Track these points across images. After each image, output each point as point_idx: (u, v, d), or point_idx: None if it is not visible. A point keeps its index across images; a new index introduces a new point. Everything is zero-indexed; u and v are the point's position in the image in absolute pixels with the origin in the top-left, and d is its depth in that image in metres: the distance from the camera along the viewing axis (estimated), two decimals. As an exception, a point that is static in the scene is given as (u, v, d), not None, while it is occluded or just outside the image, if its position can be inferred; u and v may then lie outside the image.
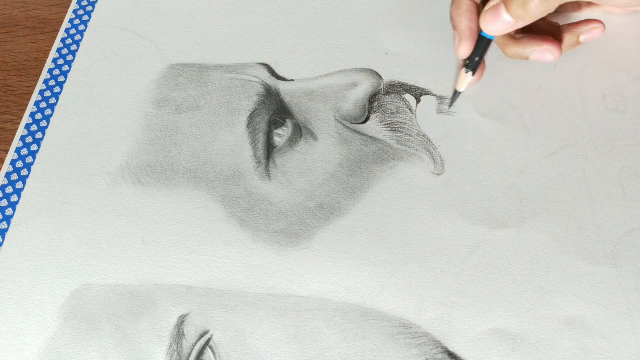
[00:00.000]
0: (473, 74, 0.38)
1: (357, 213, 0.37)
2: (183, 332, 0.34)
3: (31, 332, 0.35)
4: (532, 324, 0.33)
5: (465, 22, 0.37)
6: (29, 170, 0.41)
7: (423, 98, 0.40)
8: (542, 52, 0.38)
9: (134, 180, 0.39)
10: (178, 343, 0.34)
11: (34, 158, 0.41)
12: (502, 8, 0.35)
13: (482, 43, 0.37)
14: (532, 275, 0.35)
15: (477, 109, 0.40)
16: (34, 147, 0.42)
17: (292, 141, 0.40)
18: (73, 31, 0.46)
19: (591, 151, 0.38)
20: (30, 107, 0.43)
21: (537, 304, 0.34)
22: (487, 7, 0.36)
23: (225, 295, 0.35)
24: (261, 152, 0.39)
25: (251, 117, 0.41)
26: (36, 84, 0.44)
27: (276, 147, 0.40)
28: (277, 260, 0.36)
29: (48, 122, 0.42)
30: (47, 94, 0.43)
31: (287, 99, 0.41)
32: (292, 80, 0.42)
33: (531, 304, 0.34)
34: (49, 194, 0.40)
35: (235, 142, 0.40)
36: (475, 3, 0.37)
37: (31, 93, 0.44)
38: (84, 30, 0.46)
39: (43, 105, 0.43)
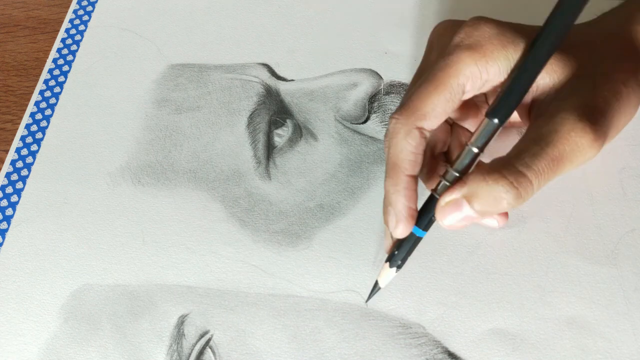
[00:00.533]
0: (397, 270, 0.33)
1: (357, 213, 0.37)
2: (183, 332, 0.34)
3: (31, 332, 0.35)
4: (532, 323, 0.33)
5: (403, 201, 0.30)
6: (29, 170, 0.41)
7: (423, 98, 0.40)
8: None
9: (134, 180, 0.39)
10: (178, 343, 0.34)
11: (34, 158, 0.41)
12: (465, 203, 0.28)
13: (412, 239, 0.32)
14: (532, 275, 0.35)
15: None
16: (34, 147, 0.42)
17: (292, 141, 0.40)
18: (73, 31, 0.46)
19: (591, 151, 0.38)
20: (30, 107, 0.43)
21: (537, 304, 0.34)
22: (445, 200, 0.29)
23: (225, 295, 0.35)
24: (261, 152, 0.39)
25: (251, 117, 0.41)
26: (36, 84, 0.44)
27: (276, 147, 0.40)
28: (277, 260, 0.36)
29: (48, 122, 0.42)
30: (47, 94, 0.44)
31: (287, 99, 0.41)
32: (292, 80, 0.42)
33: (531, 304, 0.34)
34: (49, 194, 0.40)
35: (235, 142, 0.40)
36: (415, 178, 0.31)
37: (31, 93, 0.44)
38: (84, 30, 0.46)
39: (43, 105, 0.43)
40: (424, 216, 0.31)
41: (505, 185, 0.27)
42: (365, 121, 0.40)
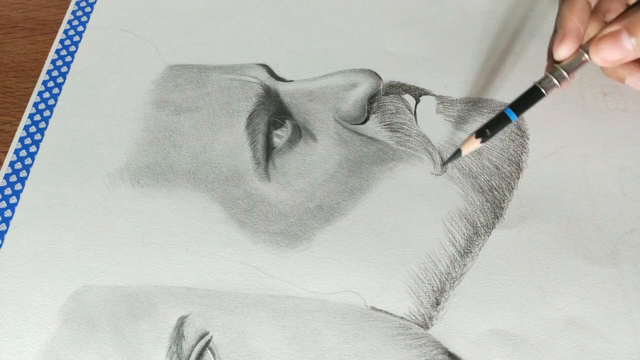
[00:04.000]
0: (483, 141, 0.34)
1: (357, 214, 0.37)
2: (182, 333, 0.34)
3: (30, 334, 0.35)
4: (532, 324, 0.33)
5: (575, 20, 0.32)
6: (28, 172, 0.41)
7: (422, 98, 0.40)
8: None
9: (133, 181, 0.39)
10: (177, 344, 0.34)
11: (33, 159, 0.41)
12: (624, 34, 0.30)
13: (503, 119, 0.34)
14: (532, 275, 0.35)
15: (475, 108, 0.40)
16: (32, 149, 0.41)
17: (292, 142, 0.40)
18: (71, 32, 0.46)
19: (591, 150, 0.38)
20: (29, 109, 0.43)
21: (537, 304, 0.34)
22: (604, 32, 0.31)
23: (224, 296, 0.35)
24: (260, 153, 0.39)
25: (250, 118, 0.41)
26: (34, 85, 0.44)
27: (275, 147, 0.40)
28: (276, 262, 0.36)
29: (47, 124, 0.42)
30: (46, 95, 0.43)
31: (287, 99, 0.41)
32: (291, 80, 0.42)
33: (531, 304, 0.34)
34: (48, 196, 0.39)
35: (235, 143, 0.40)
36: (589, 6, 0.33)
37: (30, 94, 0.44)
38: (83, 32, 0.46)
39: (42, 106, 0.43)
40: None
41: None
42: (365, 122, 0.40)
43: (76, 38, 0.46)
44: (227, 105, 0.41)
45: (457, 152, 0.35)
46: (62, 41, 0.46)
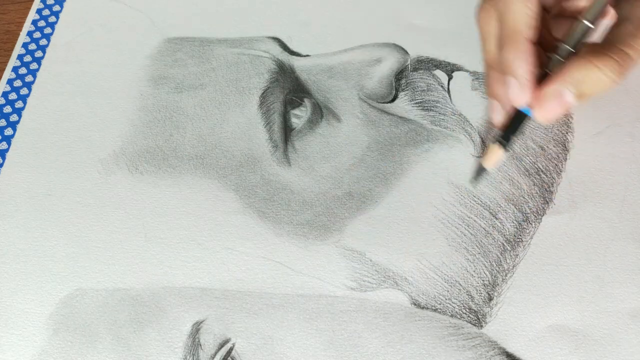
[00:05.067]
0: (506, 150, 0.31)
1: (392, 201, 0.33)
2: (199, 341, 0.30)
3: (14, 347, 0.30)
4: (593, 317, 0.30)
5: (525, 66, 0.29)
6: (4, 158, 0.35)
7: (455, 74, 0.37)
8: None
9: (131, 167, 0.34)
10: (194, 355, 0.29)
11: (9, 144, 0.35)
12: (567, 92, 0.28)
13: (521, 118, 0.30)
14: (589, 264, 0.31)
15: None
16: (8, 132, 0.36)
17: (312, 122, 0.35)
18: (50, 1, 0.40)
19: (638, 130, 0.35)
20: (3, 86, 0.37)
21: (597, 296, 0.31)
22: (547, 92, 0.29)
23: (246, 297, 0.31)
24: (277, 135, 0.35)
25: (263, 96, 0.36)
26: (8, 60, 0.38)
27: (294, 129, 0.35)
28: (304, 256, 0.32)
29: (24, 103, 0.37)
30: (22, 70, 0.38)
31: (303, 76, 0.37)
32: (308, 55, 0.38)
33: (591, 296, 0.31)
34: (29, 185, 0.34)
35: (247, 124, 0.35)
36: (535, 46, 0.29)
37: (3, 70, 0.38)
38: (64, 0, 0.40)
39: (17, 83, 0.37)
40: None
41: (613, 65, 0.27)
42: (393, 100, 0.36)
43: (56, 8, 0.40)
44: (236, 82, 0.37)
45: (481, 169, 0.31)
46: (39, 11, 0.40)
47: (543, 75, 0.30)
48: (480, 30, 0.31)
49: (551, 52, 0.30)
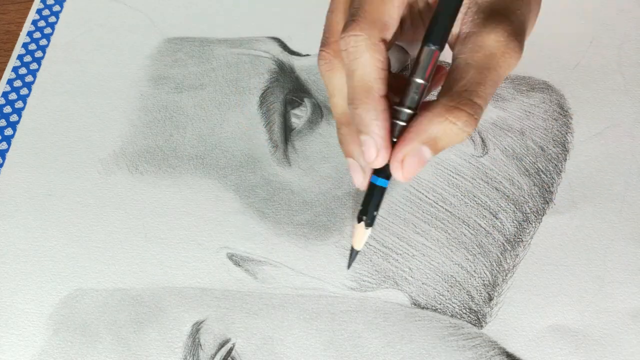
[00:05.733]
0: (371, 226, 0.29)
1: (392, 201, 0.33)
2: (199, 341, 0.29)
3: (14, 348, 0.30)
4: (593, 317, 0.30)
5: (382, 125, 0.26)
6: (4, 158, 0.35)
7: (455, 75, 0.36)
8: None
9: (131, 167, 0.34)
10: (194, 355, 0.29)
11: (9, 144, 0.35)
12: (426, 149, 0.26)
13: (379, 191, 0.28)
14: (589, 264, 0.31)
15: (514, 85, 0.36)
16: (8, 132, 0.36)
17: (312, 122, 0.35)
18: (50, 1, 0.40)
19: (637, 131, 0.35)
20: (3, 86, 0.37)
21: (597, 296, 0.31)
22: (402, 152, 0.26)
23: (246, 297, 0.31)
24: (277, 135, 0.35)
25: (263, 96, 0.36)
26: (8, 60, 0.38)
27: (294, 129, 0.35)
28: (304, 256, 0.32)
29: (24, 103, 0.36)
30: (22, 71, 0.38)
31: (303, 75, 0.37)
32: (308, 55, 0.38)
33: (591, 296, 0.31)
34: (29, 185, 0.34)
35: (247, 124, 0.35)
36: (387, 99, 0.27)
37: (3, 70, 0.38)
38: (64, 0, 0.40)
39: (17, 83, 0.37)
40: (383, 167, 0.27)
41: (468, 118, 0.26)
42: (393, 100, 0.36)
43: (56, 8, 0.40)
44: (236, 82, 0.37)
45: (353, 252, 0.30)
46: (39, 11, 0.40)
47: (392, 125, 0.27)
48: (326, 85, 0.29)
49: (397, 105, 0.27)
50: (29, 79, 0.37)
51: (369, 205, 0.28)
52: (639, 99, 0.36)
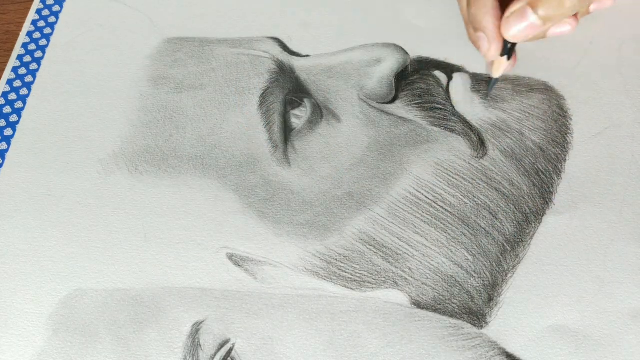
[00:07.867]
0: (508, 59, 0.34)
1: (391, 201, 0.33)
2: (199, 342, 0.29)
3: (13, 348, 0.30)
4: (594, 318, 0.30)
5: (492, 21, 0.32)
6: (4, 159, 0.35)
7: (455, 75, 0.37)
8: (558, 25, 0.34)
9: (131, 168, 0.34)
10: (194, 355, 0.29)
11: (9, 144, 0.35)
12: (529, 10, 0.31)
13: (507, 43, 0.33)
14: (589, 264, 0.31)
15: (513, 86, 0.36)
16: (8, 132, 0.36)
17: (312, 123, 0.35)
18: (50, 1, 0.40)
19: (637, 131, 0.35)
20: (2, 87, 0.37)
21: (597, 296, 0.31)
22: (510, 10, 0.32)
23: (246, 297, 0.31)
24: (277, 135, 0.35)
25: (263, 97, 0.36)
26: (8, 60, 0.38)
27: (294, 129, 0.35)
28: (304, 256, 0.32)
29: (24, 103, 0.37)
30: (22, 71, 0.38)
31: (303, 76, 0.37)
32: (307, 55, 0.38)
33: (591, 296, 0.31)
34: (29, 186, 0.34)
35: (247, 124, 0.35)
36: (498, 1, 0.33)
37: (3, 70, 0.38)
38: (63, 0, 0.40)
39: (17, 84, 0.37)
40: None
41: None
42: (393, 100, 0.36)
43: (56, 8, 0.40)
44: (236, 83, 0.37)
45: (492, 80, 0.35)
46: (39, 11, 0.40)
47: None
48: None
49: None
50: (28, 79, 0.37)
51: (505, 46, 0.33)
52: (639, 99, 0.36)
